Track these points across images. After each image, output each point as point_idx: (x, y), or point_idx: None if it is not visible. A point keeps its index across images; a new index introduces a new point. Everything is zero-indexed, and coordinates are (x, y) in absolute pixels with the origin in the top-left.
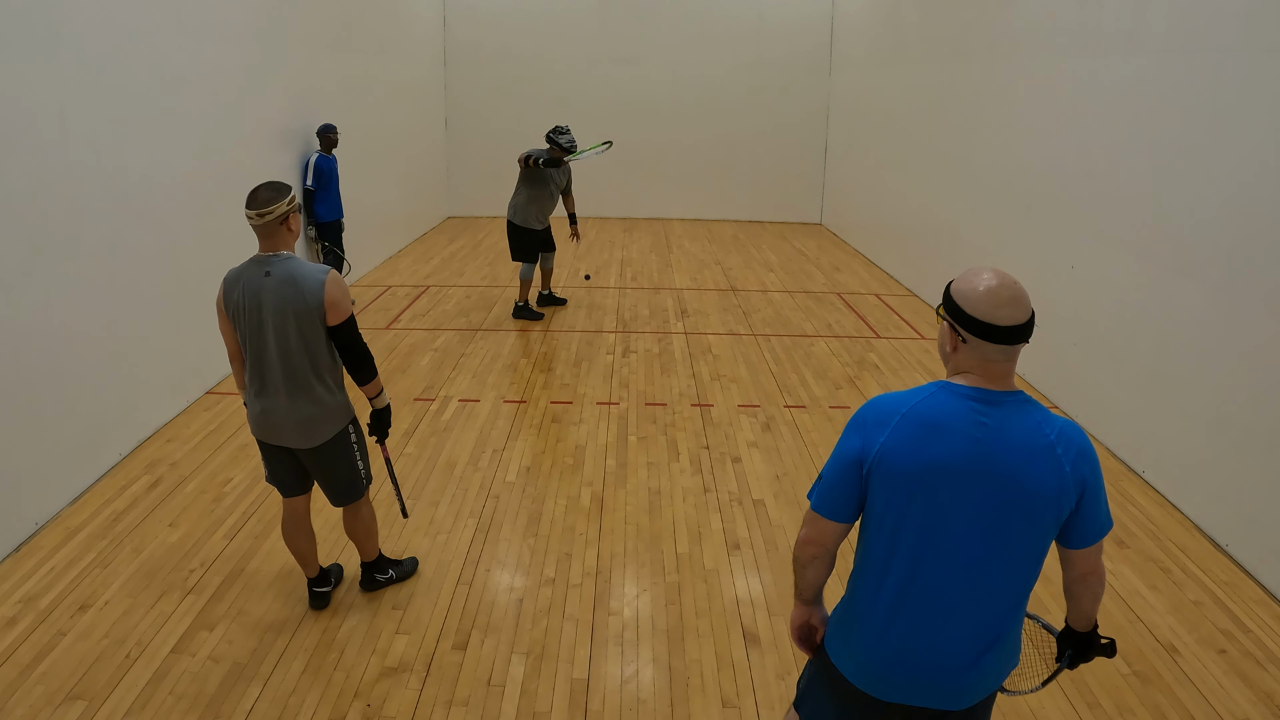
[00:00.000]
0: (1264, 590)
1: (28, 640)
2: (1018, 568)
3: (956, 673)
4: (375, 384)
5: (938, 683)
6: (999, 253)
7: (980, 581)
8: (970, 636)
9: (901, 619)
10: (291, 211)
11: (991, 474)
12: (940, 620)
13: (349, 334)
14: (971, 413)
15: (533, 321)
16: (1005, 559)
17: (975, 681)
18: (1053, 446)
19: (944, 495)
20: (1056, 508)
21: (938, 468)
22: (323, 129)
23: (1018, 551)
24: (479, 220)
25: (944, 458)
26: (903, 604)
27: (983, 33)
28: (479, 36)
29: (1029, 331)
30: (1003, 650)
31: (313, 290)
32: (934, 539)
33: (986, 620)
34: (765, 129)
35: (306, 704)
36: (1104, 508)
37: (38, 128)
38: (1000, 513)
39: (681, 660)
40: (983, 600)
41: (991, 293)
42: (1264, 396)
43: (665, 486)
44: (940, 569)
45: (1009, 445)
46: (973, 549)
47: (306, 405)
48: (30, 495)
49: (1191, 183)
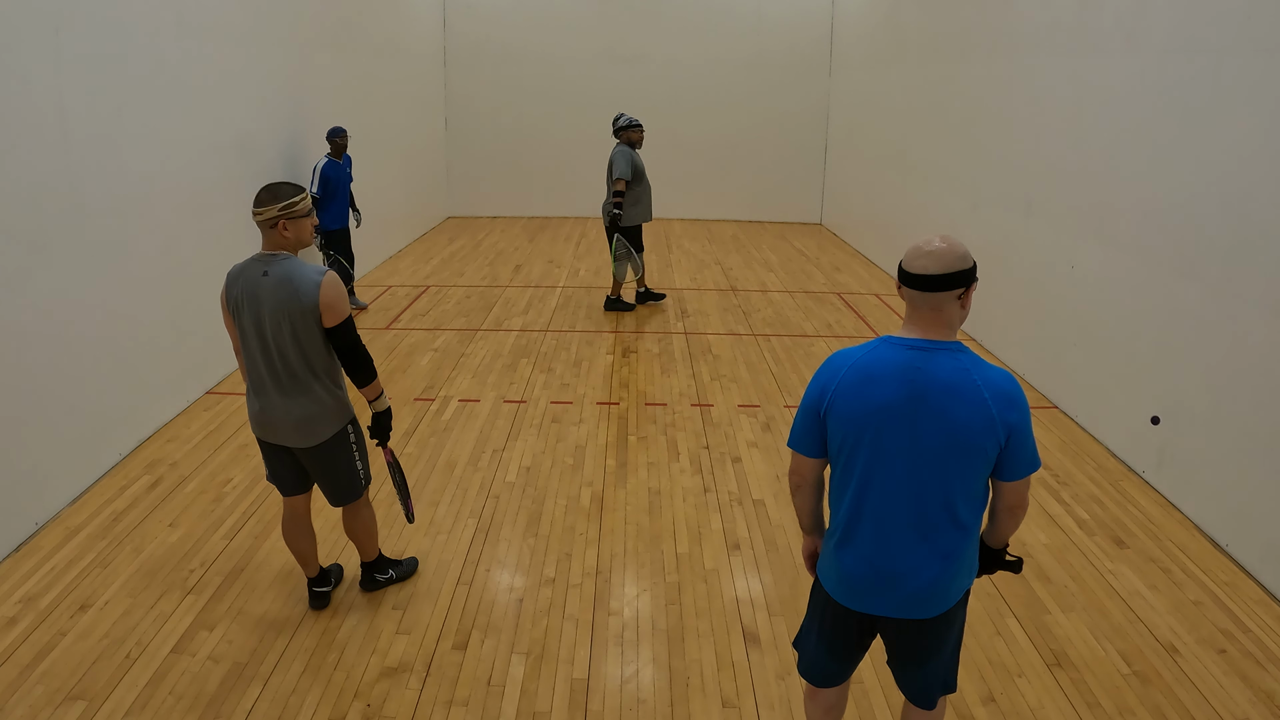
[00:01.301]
0: (1264, 590)
1: (28, 640)
2: (954, 493)
3: (905, 579)
4: (375, 386)
5: (891, 589)
6: (999, 253)
7: (920, 503)
8: (915, 550)
9: (857, 535)
10: (284, 217)
11: (922, 412)
12: (887, 535)
13: (345, 336)
14: (907, 361)
15: (624, 312)
16: (940, 484)
17: (926, 591)
18: (979, 389)
19: (885, 431)
20: (983, 444)
21: (877, 409)
22: (331, 133)
23: (952, 479)
24: (479, 220)
25: (881, 400)
26: (857, 522)
27: (983, 33)
28: (479, 36)
29: (938, 283)
30: (953, 566)
31: (308, 292)
32: (879, 468)
33: (930, 537)
34: (765, 129)
35: (306, 704)
36: (1030, 448)
37: (38, 128)
38: (932, 445)
39: (681, 660)
40: (924, 519)
41: (917, 247)
42: (1264, 396)
43: (665, 486)
44: (885, 493)
45: (938, 388)
46: (910, 475)
47: (304, 404)
48: (30, 495)
49: (1191, 183)
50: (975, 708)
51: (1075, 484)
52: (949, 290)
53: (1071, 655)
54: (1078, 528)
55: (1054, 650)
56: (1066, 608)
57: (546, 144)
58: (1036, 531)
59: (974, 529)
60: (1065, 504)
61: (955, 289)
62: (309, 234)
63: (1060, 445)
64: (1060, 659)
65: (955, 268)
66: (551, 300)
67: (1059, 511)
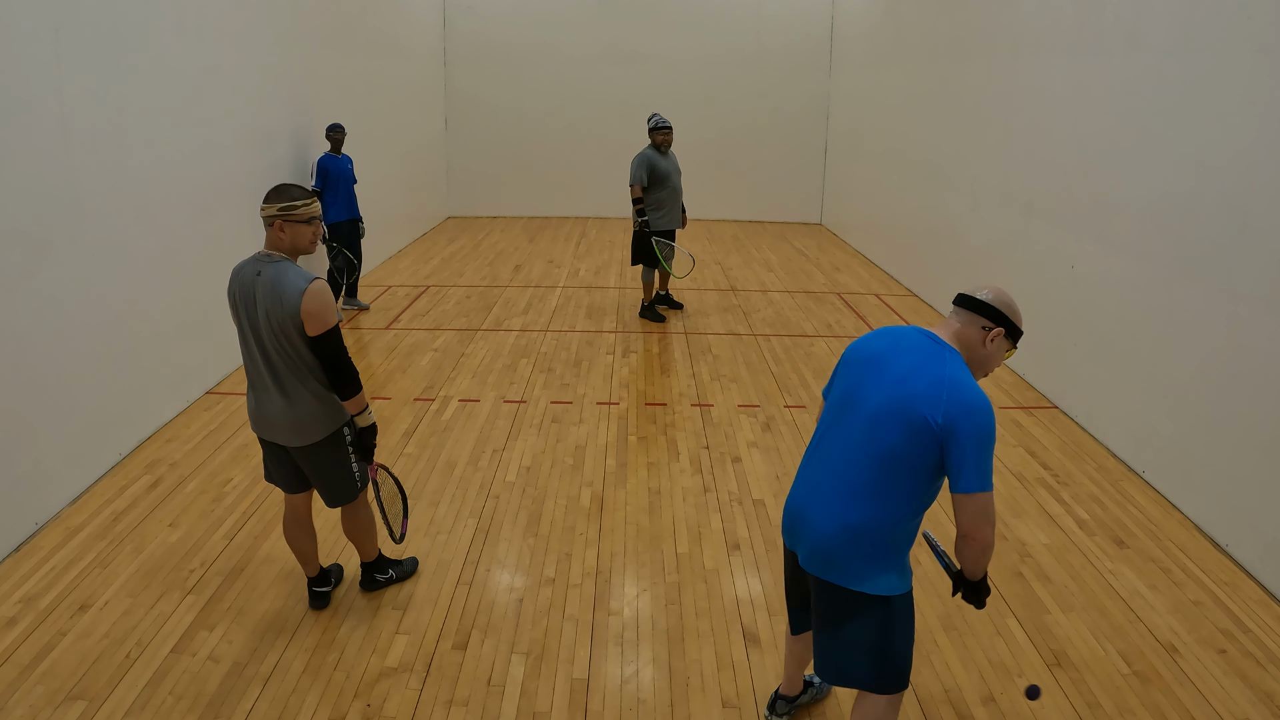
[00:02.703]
0: (1264, 590)
1: (28, 640)
2: (885, 465)
3: (812, 528)
4: (358, 400)
5: (803, 534)
6: (999, 253)
7: (854, 461)
8: (829, 504)
9: (803, 471)
10: (282, 218)
11: (888, 368)
12: (818, 480)
13: (327, 347)
14: (914, 337)
15: (656, 323)
16: (876, 450)
17: (828, 554)
18: (941, 382)
19: (855, 374)
20: (923, 430)
21: (865, 357)
22: (329, 128)
23: (887, 450)
24: (479, 220)
25: (872, 351)
26: (808, 463)
27: (983, 32)
28: (479, 36)
29: (975, 305)
30: (854, 541)
31: (290, 299)
32: (840, 411)
33: (850, 501)
34: (765, 128)
35: (306, 704)
36: (969, 468)
37: (38, 128)
38: (884, 405)
39: (681, 660)
40: (852, 479)
41: (981, 284)
42: (1264, 396)
43: (665, 486)
44: (834, 439)
45: (913, 358)
46: (858, 431)
47: (297, 404)
48: (30, 495)
49: (1191, 183)
50: (975, 708)
51: (1075, 484)
52: (979, 315)
53: (1071, 655)
54: (1078, 528)
55: (1054, 650)
56: (1066, 608)
57: (547, 144)
58: (1036, 531)
59: (887, 518)
60: (1065, 504)
61: (984, 317)
62: (307, 241)
63: (1060, 445)
64: (1060, 659)
65: (994, 303)
66: (551, 300)
67: (1059, 511)
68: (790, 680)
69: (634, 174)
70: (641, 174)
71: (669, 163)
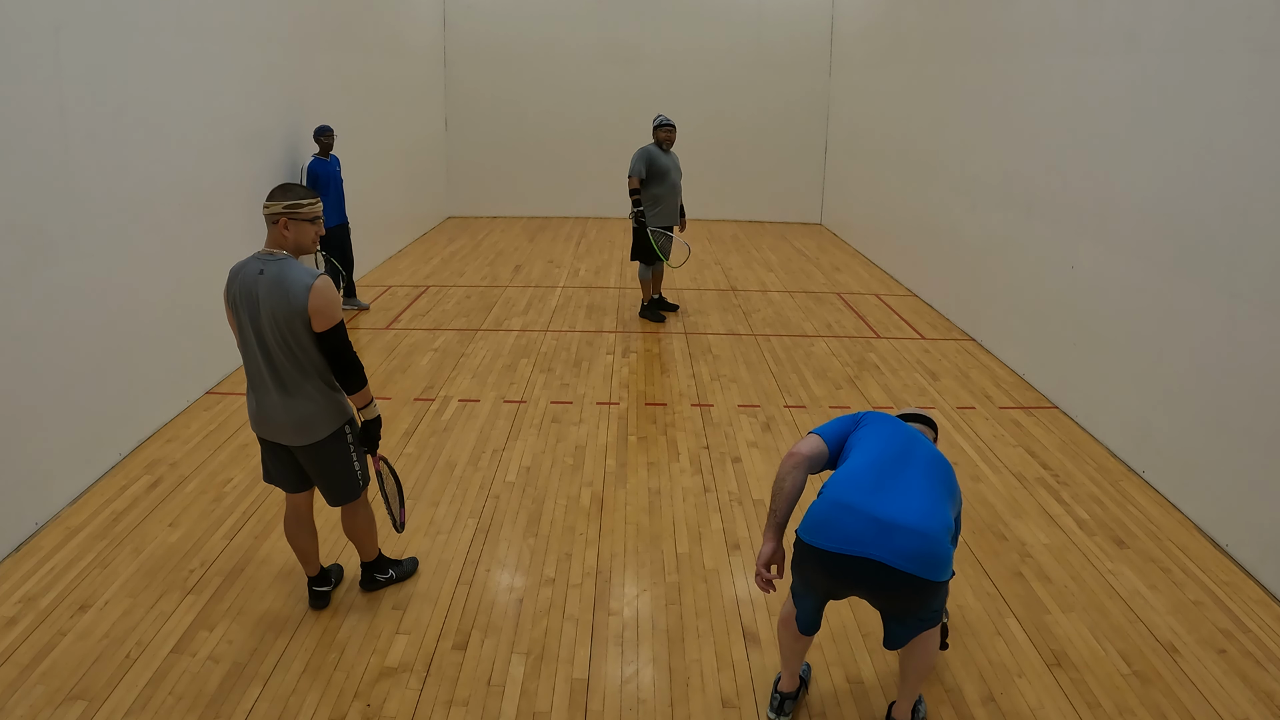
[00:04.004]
0: (1264, 590)
1: (28, 640)
2: (948, 488)
3: (919, 539)
4: (364, 394)
5: (903, 545)
6: (999, 253)
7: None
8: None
9: (883, 492)
10: (287, 216)
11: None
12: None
13: (334, 342)
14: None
15: (656, 323)
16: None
17: (931, 556)
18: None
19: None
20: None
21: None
22: (318, 131)
23: (949, 480)
24: (479, 220)
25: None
26: (882, 485)
27: (983, 32)
28: (479, 35)
29: (922, 420)
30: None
31: (297, 295)
32: (902, 459)
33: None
34: (765, 128)
35: (306, 704)
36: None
37: (38, 128)
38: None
39: (681, 660)
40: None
41: None
42: (1264, 396)
43: (665, 486)
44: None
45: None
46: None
47: (299, 403)
48: (30, 495)
49: (1191, 183)
50: (975, 708)
51: (1075, 484)
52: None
53: (1071, 655)
54: (1078, 528)
55: (1054, 650)
56: (1066, 608)
57: (547, 143)
58: (1036, 531)
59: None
60: (1065, 504)
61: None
62: (310, 240)
63: (1060, 445)
64: (1060, 659)
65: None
66: (551, 300)
67: (1059, 511)
68: (792, 677)
69: (633, 165)
70: (640, 166)
71: (669, 160)
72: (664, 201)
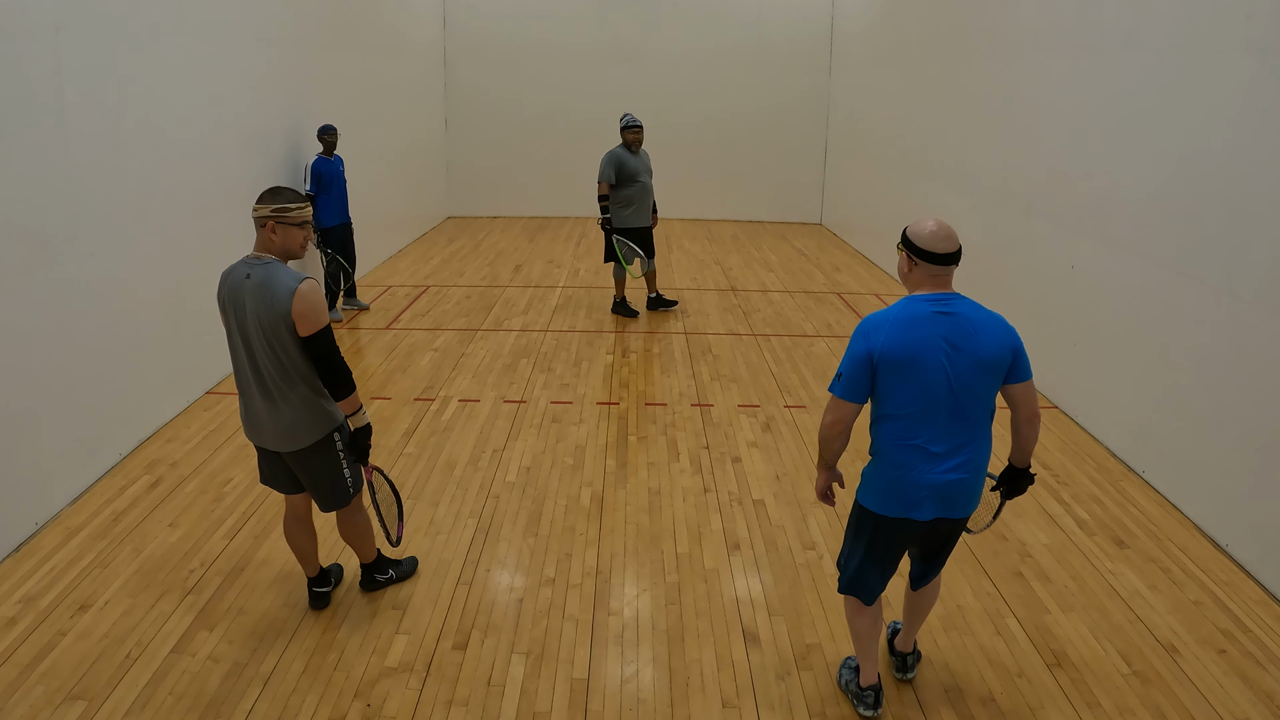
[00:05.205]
0: (1264, 590)
1: (28, 640)
2: (981, 408)
3: (971, 487)
4: (352, 400)
5: (965, 496)
6: (999, 253)
7: (966, 414)
8: (953, 453)
9: (937, 457)
10: (274, 219)
11: (959, 346)
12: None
13: (320, 347)
14: (934, 309)
15: (629, 318)
16: (975, 402)
17: (975, 495)
18: (997, 320)
19: (928, 365)
20: (1003, 362)
21: (920, 346)
22: (321, 130)
23: (982, 396)
24: (479, 220)
25: (924, 338)
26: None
27: (983, 32)
28: (479, 35)
29: (958, 257)
30: (979, 471)
31: (281, 299)
32: (928, 397)
33: (966, 442)
34: (765, 128)
35: (306, 704)
36: (1026, 358)
37: (38, 128)
38: (968, 371)
39: (681, 660)
40: (962, 429)
41: (934, 232)
42: (1264, 396)
43: (665, 486)
44: (932, 417)
45: (968, 325)
46: (952, 399)
47: (284, 410)
48: (30, 495)
49: (1191, 183)
50: (975, 708)
51: (1075, 484)
52: (959, 260)
53: (1071, 655)
54: (1078, 528)
55: (1054, 650)
56: (1066, 608)
57: (547, 143)
58: (1036, 531)
59: (989, 440)
60: (1065, 504)
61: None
62: (298, 245)
63: (1060, 445)
64: (1060, 659)
65: (959, 242)
66: (551, 300)
67: (1059, 511)
68: (873, 667)
69: (602, 171)
70: (609, 171)
71: (639, 161)
72: (636, 201)
